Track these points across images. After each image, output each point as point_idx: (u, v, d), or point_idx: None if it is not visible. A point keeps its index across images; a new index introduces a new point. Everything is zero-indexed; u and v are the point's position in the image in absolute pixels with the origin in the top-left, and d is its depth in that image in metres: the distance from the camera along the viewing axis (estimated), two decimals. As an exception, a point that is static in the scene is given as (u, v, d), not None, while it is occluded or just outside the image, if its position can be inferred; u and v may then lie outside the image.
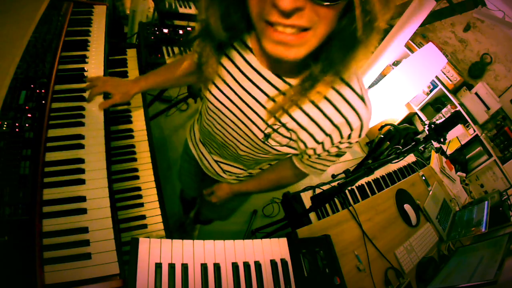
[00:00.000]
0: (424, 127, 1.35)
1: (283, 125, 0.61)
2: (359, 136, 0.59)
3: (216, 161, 0.95)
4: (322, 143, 0.62)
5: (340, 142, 0.61)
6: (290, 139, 0.63)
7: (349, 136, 0.59)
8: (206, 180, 1.16)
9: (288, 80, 0.58)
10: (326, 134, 0.60)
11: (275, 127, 0.62)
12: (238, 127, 0.70)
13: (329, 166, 0.73)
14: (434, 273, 1.23)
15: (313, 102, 0.57)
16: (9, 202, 0.68)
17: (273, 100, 0.60)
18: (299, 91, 0.55)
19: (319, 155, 0.67)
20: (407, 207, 1.41)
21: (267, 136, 0.64)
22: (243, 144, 0.74)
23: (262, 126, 0.64)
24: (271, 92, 0.60)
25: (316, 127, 0.59)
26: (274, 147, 0.66)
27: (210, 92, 0.68)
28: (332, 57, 0.47)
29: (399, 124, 2.33)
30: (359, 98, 0.55)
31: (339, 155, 0.68)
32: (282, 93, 0.59)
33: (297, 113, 0.59)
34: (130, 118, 1.19)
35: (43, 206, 0.74)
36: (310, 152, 0.66)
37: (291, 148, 0.67)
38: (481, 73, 2.75)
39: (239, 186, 0.96)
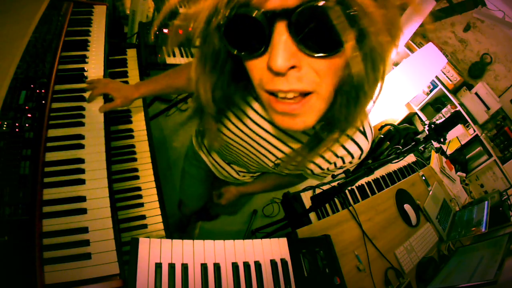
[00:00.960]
0: (424, 127, 1.35)
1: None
2: (359, 159, 0.63)
3: (228, 164, 0.97)
4: (326, 169, 0.66)
5: (342, 166, 0.65)
6: (298, 168, 0.66)
7: (350, 162, 0.63)
8: (215, 184, 1.16)
9: (297, 136, 0.60)
10: (330, 163, 0.63)
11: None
12: (248, 155, 0.74)
13: (329, 175, 0.78)
14: (434, 273, 1.23)
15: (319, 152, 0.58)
16: (9, 202, 0.68)
17: (282, 152, 0.64)
18: (307, 151, 0.55)
19: (322, 169, 0.70)
20: (407, 207, 1.41)
21: (277, 165, 0.67)
22: (254, 166, 0.79)
23: (272, 158, 0.67)
24: (280, 145, 0.63)
25: (321, 159, 0.63)
26: (283, 172, 0.70)
27: (220, 130, 0.69)
28: (336, 116, 0.44)
29: (399, 124, 2.33)
30: (361, 134, 0.58)
31: (342, 168, 0.71)
32: (291, 148, 0.61)
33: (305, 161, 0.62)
34: (130, 118, 1.19)
35: (43, 206, 0.74)
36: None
37: (299, 170, 0.70)
38: (481, 73, 2.74)
39: (245, 188, 1.01)
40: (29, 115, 0.83)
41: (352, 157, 0.61)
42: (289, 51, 0.34)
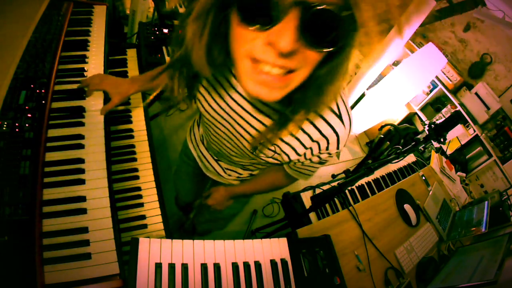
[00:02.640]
0: (424, 127, 1.35)
1: (267, 145, 0.64)
2: (337, 148, 0.63)
3: (216, 161, 0.97)
4: (303, 155, 0.66)
5: (319, 153, 0.65)
6: (275, 152, 0.67)
7: (327, 148, 0.63)
8: (205, 182, 1.16)
9: (265, 111, 0.61)
10: (306, 148, 0.63)
11: (259, 147, 0.65)
12: (229, 137, 0.74)
13: (314, 171, 0.77)
14: (434, 273, 1.23)
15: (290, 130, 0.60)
16: (9, 202, 0.68)
17: (255, 129, 0.64)
18: (278, 126, 0.57)
19: (302, 163, 0.71)
20: (407, 207, 1.41)
21: (254, 148, 0.67)
22: (235, 153, 0.78)
23: (248, 137, 0.67)
24: (251, 120, 0.64)
25: (297, 141, 0.63)
26: (262, 157, 0.70)
27: (201, 105, 0.71)
28: (308, 99, 0.49)
29: (399, 124, 2.33)
30: (336, 117, 0.59)
31: (321, 162, 0.71)
32: (263, 124, 0.62)
33: (276, 140, 0.63)
34: (130, 118, 1.19)
35: (43, 206, 0.74)
36: (294, 161, 0.70)
37: (276, 159, 0.70)
38: (481, 73, 2.75)
39: (234, 188, 0.99)
40: (29, 115, 0.83)
41: (328, 141, 0.60)
42: (295, 37, 0.37)
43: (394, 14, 0.35)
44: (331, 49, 0.39)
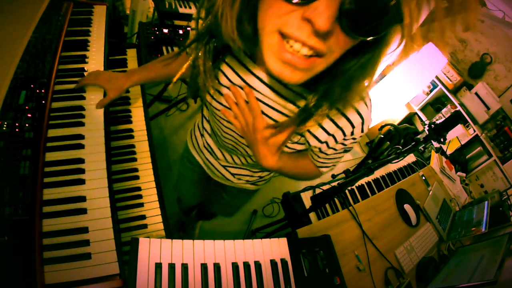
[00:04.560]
0: (424, 127, 1.35)
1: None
2: (362, 131, 0.60)
3: (223, 166, 0.94)
4: (325, 142, 0.63)
5: (344, 139, 0.62)
6: (297, 142, 0.65)
7: (352, 133, 0.60)
8: (210, 185, 1.15)
9: (291, 98, 0.58)
10: (329, 134, 0.60)
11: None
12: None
13: (338, 161, 0.74)
14: (434, 273, 1.23)
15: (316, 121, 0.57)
16: (9, 202, 0.68)
17: (281, 115, 0.60)
18: (299, 121, 0.54)
19: (326, 153, 0.67)
20: (407, 207, 1.41)
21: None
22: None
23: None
24: (276, 105, 0.60)
25: (320, 129, 0.60)
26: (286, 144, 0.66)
27: (213, 98, 0.66)
28: (333, 93, 0.47)
29: (399, 124, 2.33)
30: (360, 99, 0.56)
31: (346, 150, 0.69)
32: (285, 115, 0.59)
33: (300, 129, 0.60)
34: (130, 118, 1.19)
35: (43, 206, 0.74)
36: (316, 150, 0.66)
37: (299, 144, 0.66)
38: (481, 73, 2.75)
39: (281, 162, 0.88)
40: (29, 115, 0.83)
41: (353, 126, 0.58)
42: (334, 17, 0.35)
43: (439, 15, 0.34)
44: (368, 38, 0.37)
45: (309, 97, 0.50)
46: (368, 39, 0.37)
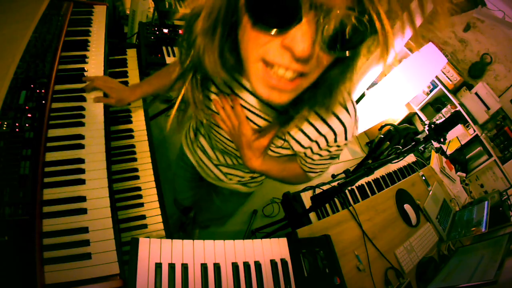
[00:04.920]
0: (424, 127, 1.35)
1: (275, 138, 0.64)
2: (345, 139, 0.62)
3: (216, 166, 0.95)
4: (309, 147, 0.64)
5: (328, 146, 0.63)
6: (281, 147, 0.67)
7: (335, 140, 0.62)
8: (202, 186, 1.15)
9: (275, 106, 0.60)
10: (312, 140, 0.62)
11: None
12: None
13: (326, 168, 0.75)
14: (434, 273, 1.23)
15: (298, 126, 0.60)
16: (9, 202, 0.68)
17: (264, 122, 0.63)
18: (280, 125, 0.57)
19: (312, 159, 0.69)
20: (407, 207, 1.41)
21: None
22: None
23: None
24: (258, 120, 0.63)
25: (302, 134, 0.62)
26: (272, 148, 0.69)
27: (203, 104, 0.68)
28: (316, 99, 0.50)
29: (399, 124, 2.33)
30: (342, 107, 0.58)
31: (332, 157, 0.70)
32: (269, 121, 0.62)
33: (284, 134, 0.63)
34: (130, 118, 1.19)
35: (43, 206, 0.74)
36: (302, 155, 0.68)
37: (284, 149, 0.69)
38: (481, 73, 2.75)
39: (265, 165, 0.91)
40: (29, 115, 0.83)
41: (335, 133, 0.60)
42: (311, 43, 0.36)
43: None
44: (347, 53, 0.38)
45: (296, 107, 0.53)
46: (347, 53, 0.38)
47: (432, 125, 1.26)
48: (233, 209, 1.22)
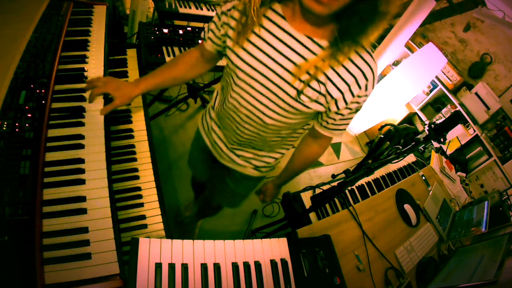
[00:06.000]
0: (424, 127, 1.35)
1: (315, 78, 0.69)
2: (372, 87, 0.72)
3: (229, 148, 0.99)
4: (344, 94, 0.71)
5: (358, 96, 0.72)
6: (320, 92, 0.71)
7: (366, 88, 0.71)
8: (215, 167, 1.17)
9: (317, 41, 0.68)
10: (347, 84, 0.70)
11: (307, 81, 0.70)
12: (270, 89, 0.74)
13: (349, 123, 0.82)
14: (434, 273, 1.23)
15: (338, 61, 0.68)
16: (9, 202, 0.68)
17: (305, 59, 0.69)
18: (329, 54, 0.66)
19: (342, 114, 0.76)
20: (407, 207, 1.41)
21: (300, 92, 0.71)
22: (272, 110, 0.78)
23: (295, 70, 0.70)
24: (303, 51, 0.69)
25: (339, 78, 0.69)
26: (305, 103, 0.73)
27: (240, 58, 0.73)
28: (351, 29, 0.61)
29: (399, 124, 2.33)
30: (369, 55, 0.69)
31: (358, 109, 0.77)
32: (313, 53, 0.68)
33: (325, 69, 0.70)
34: (130, 118, 1.19)
35: (43, 206, 0.74)
36: (334, 109, 0.74)
37: (319, 104, 0.74)
38: (481, 73, 2.75)
39: (279, 179, 1.10)
40: (29, 115, 0.83)
41: (366, 79, 0.69)
42: None
43: None
44: None
45: (337, 34, 0.64)
46: None
47: (432, 125, 1.26)
48: (245, 191, 1.24)
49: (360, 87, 0.70)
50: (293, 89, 0.71)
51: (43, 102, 0.88)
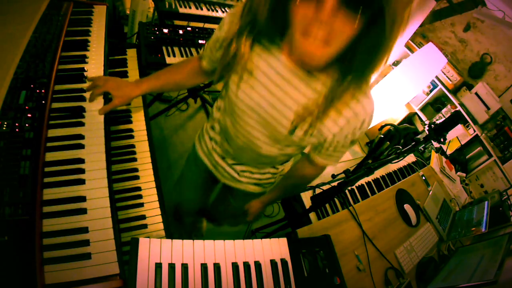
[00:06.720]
0: (424, 127, 1.35)
1: (311, 117, 0.67)
2: (368, 124, 0.68)
3: (230, 165, 0.97)
4: (336, 134, 0.69)
5: (353, 133, 0.69)
6: (314, 130, 0.69)
7: (361, 126, 0.68)
8: (210, 191, 1.16)
9: (316, 80, 0.64)
10: (340, 126, 0.67)
11: (303, 118, 0.68)
12: (267, 121, 0.72)
13: (345, 152, 0.80)
14: (434, 273, 1.23)
15: (335, 106, 0.65)
16: (9, 202, 0.68)
17: (303, 96, 0.66)
18: (326, 102, 0.63)
19: (335, 146, 0.73)
20: (407, 207, 1.41)
21: (294, 130, 0.69)
22: (266, 143, 0.78)
23: (291, 119, 0.68)
24: (303, 89, 0.66)
25: (331, 121, 0.66)
26: (300, 138, 0.71)
27: (239, 89, 0.71)
28: (355, 69, 0.56)
29: (399, 124, 2.33)
30: (365, 96, 0.64)
31: (353, 141, 0.74)
32: (313, 91, 0.65)
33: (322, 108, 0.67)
34: (130, 118, 1.19)
35: (43, 206, 0.74)
36: (328, 142, 0.72)
37: (314, 138, 0.72)
38: (481, 73, 2.74)
39: (266, 197, 1.05)
40: (29, 115, 0.83)
41: (359, 119, 0.66)
42: (338, 3, 0.45)
43: None
44: (377, 11, 0.44)
45: (338, 73, 0.60)
46: (370, 11, 0.46)
47: (432, 125, 1.26)
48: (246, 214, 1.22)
49: (354, 127, 0.68)
50: (289, 124, 0.69)
51: (43, 102, 0.88)
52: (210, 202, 1.36)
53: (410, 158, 1.90)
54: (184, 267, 0.74)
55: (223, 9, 2.13)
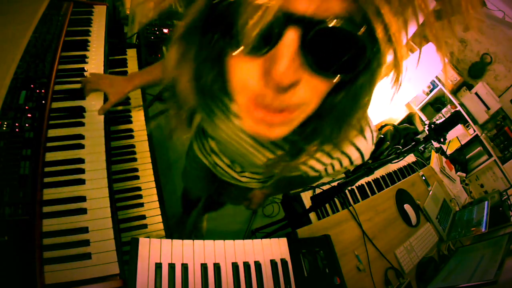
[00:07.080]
0: (424, 127, 1.35)
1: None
2: (362, 161, 0.57)
3: (228, 166, 0.94)
4: (322, 170, 0.60)
5: (341, 167, 0.60)
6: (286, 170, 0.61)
7: (350, 164, 0.57)
8: (215, 179, 1.16)
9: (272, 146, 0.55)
10: (325, 165, 0.58)
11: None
12: (240, 153, 0.66)
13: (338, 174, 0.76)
14: (434, 273, 1.23)
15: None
16: (9, 202, 0.68)
17: (265, 156, 0.58)
18: (290, 157, 0.48)
19: (326, 172, 0.66)
20: (407, 207, 1.41)
21: (267, 166, 0.60)
22: (253, 163, 0.71)
23: (260, 160, 0.61)
24: (262, 150, 0.58)
25: (315, 161, 0.56)
26: (276, 173, 0.64)
27: (206, 125, 0.65)
28: (324, 133, 0.40)
29: (399, 124, 2.33)
30: (358, 133, 0.52)
31: (345, 168, 0.67)
32: (273, 153, 0.56)
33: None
34: (130, 118, 1.19)
35: (43, 206, 0.74)
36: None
37: (292, 171, 0.63)
38: (481, 73, 2.75)
39: (268, 189, 1.04)
40: (29, 115, 0.83)
41: (350, 159, 0.55)
42: (296, 63, 0.29)
43: (430, 20, 0.29)
44: (345, 75, 0.31)
45: (296, 139, 0.44)
46: (347, 75, 0.31)
47: (432, 125, 1.26)
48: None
49: (342, 164, 0.58)
50: (261, 163, 0.61)
51: (43, 102, 0.88)
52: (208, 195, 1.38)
53: (410, 158, 1.90)
54: (184, 267, 0.74)
55: (223, 9, 2.13)
